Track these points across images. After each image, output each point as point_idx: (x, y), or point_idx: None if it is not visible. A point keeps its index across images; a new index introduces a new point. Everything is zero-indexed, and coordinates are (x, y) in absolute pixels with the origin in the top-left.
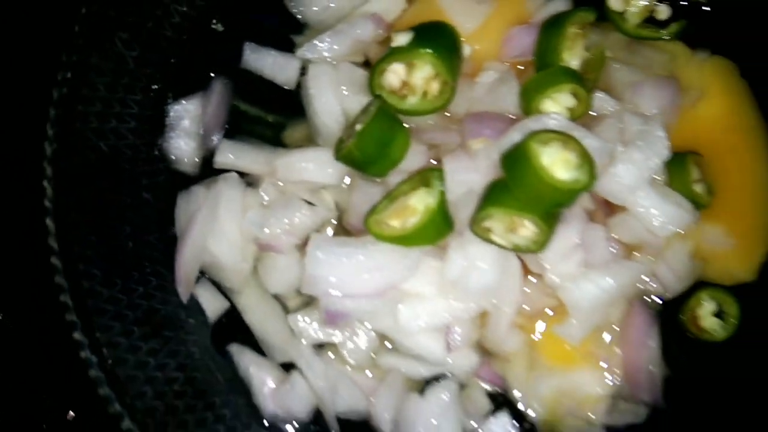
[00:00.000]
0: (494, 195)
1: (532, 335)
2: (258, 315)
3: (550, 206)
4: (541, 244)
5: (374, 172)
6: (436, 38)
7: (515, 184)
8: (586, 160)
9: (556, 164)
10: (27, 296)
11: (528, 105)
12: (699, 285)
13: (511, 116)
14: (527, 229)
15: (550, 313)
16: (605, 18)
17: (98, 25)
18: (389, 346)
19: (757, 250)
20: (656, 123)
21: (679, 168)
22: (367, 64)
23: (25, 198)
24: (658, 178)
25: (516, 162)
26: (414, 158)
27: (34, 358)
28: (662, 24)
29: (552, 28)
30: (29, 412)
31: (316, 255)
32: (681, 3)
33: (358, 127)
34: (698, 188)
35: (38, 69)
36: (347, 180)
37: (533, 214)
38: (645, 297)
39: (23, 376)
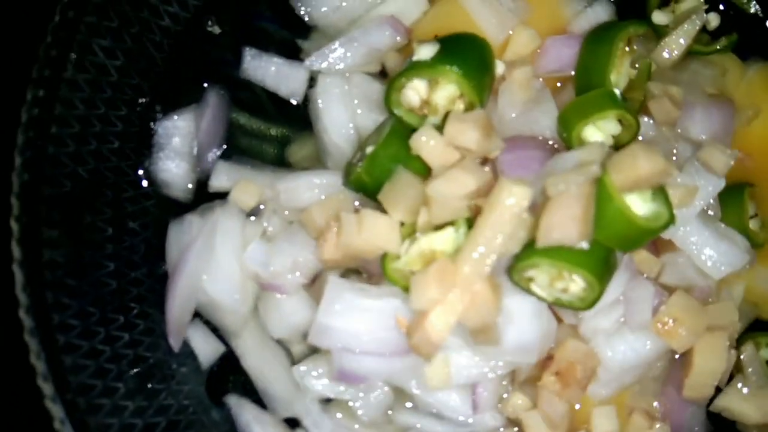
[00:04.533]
0: None
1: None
2: (258, 362)
3: (626, 247)
4: (589, 303)
5: None
6: (465, 53)
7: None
8: (659, 190)
9: (631, 199)
10: None
11: (568, 132)
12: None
13: (546, 142)
14: (576, 285)
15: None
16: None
17: (73, 33)
18: (407, 401)
19: None
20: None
21: (734, 202)
22: (383, 75)
23: None
24: (711, 212)
25: None
26: None
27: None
28: (712, 34)
29: (599, 43)
30: None
31: (331, 304)
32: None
33: (370, 149)
34: (753, 224)
35: (6, 87)
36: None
37: (586, 269)
38: None
39: None
